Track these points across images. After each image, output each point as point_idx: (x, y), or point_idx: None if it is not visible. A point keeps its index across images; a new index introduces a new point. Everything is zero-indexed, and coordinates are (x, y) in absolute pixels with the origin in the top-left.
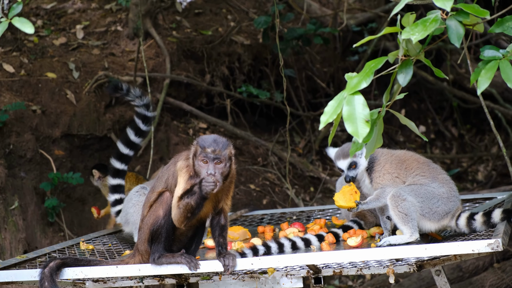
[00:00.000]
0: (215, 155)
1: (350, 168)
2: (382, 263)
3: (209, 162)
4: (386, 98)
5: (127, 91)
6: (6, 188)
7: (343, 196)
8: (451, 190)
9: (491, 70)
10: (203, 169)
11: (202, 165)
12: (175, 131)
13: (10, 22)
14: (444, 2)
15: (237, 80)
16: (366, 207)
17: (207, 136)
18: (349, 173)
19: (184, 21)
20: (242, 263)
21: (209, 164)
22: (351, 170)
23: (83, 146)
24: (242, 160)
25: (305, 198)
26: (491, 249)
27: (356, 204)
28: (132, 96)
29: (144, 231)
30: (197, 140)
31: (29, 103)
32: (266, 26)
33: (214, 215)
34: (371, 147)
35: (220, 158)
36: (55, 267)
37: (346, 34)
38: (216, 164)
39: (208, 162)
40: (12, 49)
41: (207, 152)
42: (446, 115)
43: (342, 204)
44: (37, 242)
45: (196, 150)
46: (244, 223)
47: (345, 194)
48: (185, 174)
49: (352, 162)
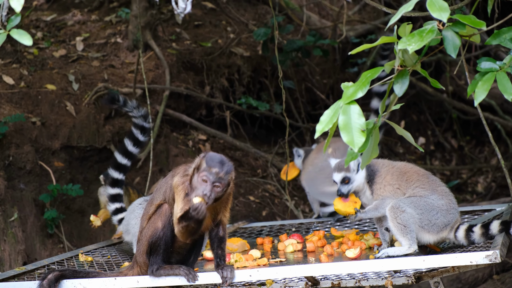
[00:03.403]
0: (217, 177)
1: (343, 182)
2: (381, 275)
3: (208, 183)
4: (382, 109)
5: (124, 102)
6: (6, 199)
7: (344, 202)
8: (450, 202)
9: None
10: (201, 186)
11: (201, 183)
12: (175, 142)
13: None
14: (441, 13)
15: (236, 92)
16: (364, 216)
17: (215, 155)
18: (342, 188)
19: (184, 33)
20: (240, 275)
21: (208, 184)
22: (343, 185)
23: (82, 158)
24: (242, 171)
25: (305, 210)
26: (489, 260)
27: (355, 212)
28: (129, 107)
29: (143, 243)
30: (205, 155)
31: (28, 115)
32: (266, 38)
33: (213, 227)
34: (367, 157)
35: (221, 183)
36: (54, 279)
37: (346, 45)
38: (215, 187)
39: (207, 182)
40: (12, 61)
41: (211, 172)
42: (445, 127)
43: (340, 209)
44: (37, 254)
45: (200, 164)
46: (243, 235)
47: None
48: (181, 192)
49: (345, 177)
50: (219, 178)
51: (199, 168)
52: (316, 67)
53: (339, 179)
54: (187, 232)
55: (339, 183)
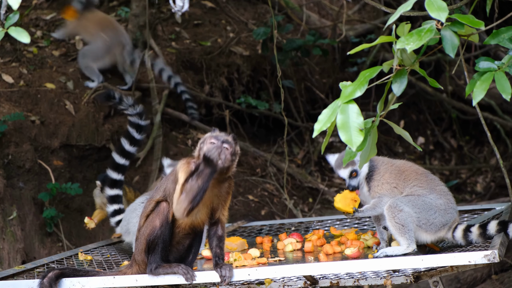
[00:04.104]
0: (225, 139)
1: (351, 176)
2: (379, 274)
3: (218, 143)
4: (380, 108)
5: (119, 99)
6: (5, 198)
7: (343, 200)
8: (448, 202)
9: (486, 82)
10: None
11: (209, 144)
12: (174, 141)
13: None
14: (439, 13)
15: (236, 91)
16: (362, 215)
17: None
18: (351, 181)
19: (183, 32)
20: (239, 274)
21: (218, 143)
22: (352, 179)
23: (81, 157)
24: (241, 171)
25: (304, 209)
26: (487, 260)
27: (353, 211)
28: (124, 105)
29: (141, 241)
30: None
31: (28, 113)
32: (265, 37)
33: (211, 225)
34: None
35: (229, 145)
36: (54, 277)
37: (345, 45)
38: (225, 148)
39: (217, 142)
40: (12, 59)
41: (217, 136)
42: (445, 127)
43: (340, 207)
44: (36, 253)
45: (205, 139)
46: (242, 234)
47: (346, 198)
48: (187, 168)
49: (353, 170)
50: (227, 141)
51: (205, 141)
52: (316, 67)
53: (347, 174)
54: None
55: (347, 178)
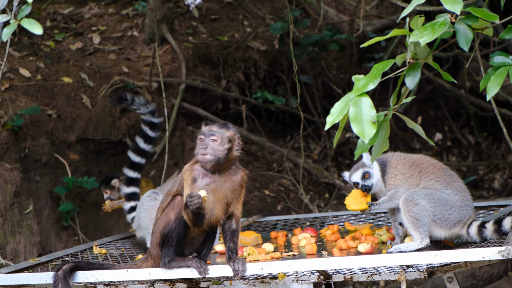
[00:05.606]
0: (209, 131)
1: (364, 178)
2: (393, 270)
3: (204, 138)
4: (393, 101)
5: (131, 100)
6: (21, 192)
7: (354, 200)
8: (464, 198)
9: (500, 76)
10: (197, 147)
11: (198, 144)
12: (190, 136)
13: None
14: (454, 5)
15: (252, 86)
16: (378, 208)
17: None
18: (364, 182)
19: (200, 26)
20: (252, 268)
21: (204, 141)
22: (365, 180)
23: (98, 151)
24: (257, 165)
25: (320, 204)
26: (501, 256)
27: (369, 206)
28: (136, 105)
29: (156, 235)
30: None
31: (44, 107)
32: (282, 32)
33: (225, 220)
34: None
35: (215, 135)
36: (69, 269)
37: (363, 40)
38: (211, 141)
39: (203, 138)
40: (29, 53)
41: (203, 129)
42: (463, 123)
43: (354, 208)
44: (52, 246)
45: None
46: (257, 229)
47: (356, 197)
48: (189, 178)
49: (365, 172)
50: (212, 131)
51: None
52: (333, 62)
53: (360, 176)
54: (190, 221)
55: (360, 181)
